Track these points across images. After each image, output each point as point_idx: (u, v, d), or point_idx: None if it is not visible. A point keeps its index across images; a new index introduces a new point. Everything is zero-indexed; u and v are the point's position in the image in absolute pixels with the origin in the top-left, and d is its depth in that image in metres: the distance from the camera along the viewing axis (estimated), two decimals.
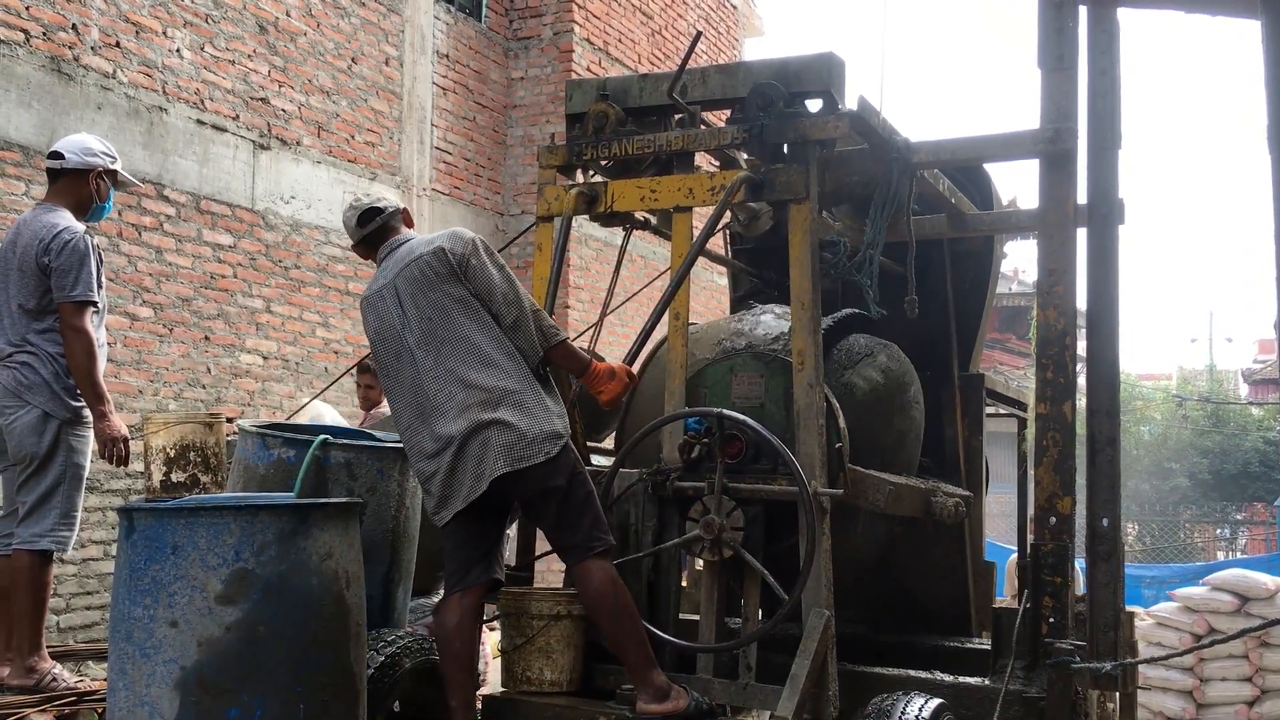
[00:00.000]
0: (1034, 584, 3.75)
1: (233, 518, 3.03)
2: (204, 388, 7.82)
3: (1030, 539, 3.89)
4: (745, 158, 4.24)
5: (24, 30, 6.81)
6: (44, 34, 6.92)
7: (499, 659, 4.19)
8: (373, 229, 3.76)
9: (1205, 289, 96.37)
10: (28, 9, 6.83)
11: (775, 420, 3.93)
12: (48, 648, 4.45)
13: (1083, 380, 3.94)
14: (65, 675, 4.35)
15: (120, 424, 4.37)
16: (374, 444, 3.97)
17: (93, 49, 7.20)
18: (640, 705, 3.53)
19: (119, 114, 7.34)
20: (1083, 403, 3.85)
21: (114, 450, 4.33)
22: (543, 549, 4.10)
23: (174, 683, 2.94)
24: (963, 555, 4.90)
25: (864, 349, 4.39)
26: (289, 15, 8.61)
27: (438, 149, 10.12)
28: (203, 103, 7.91)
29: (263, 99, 8.37)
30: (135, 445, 4.65)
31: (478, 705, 3.76)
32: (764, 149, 4.01)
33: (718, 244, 4.94)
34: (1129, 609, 4.18)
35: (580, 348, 3.91)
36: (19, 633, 4.25)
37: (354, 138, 9.22)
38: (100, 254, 4.38)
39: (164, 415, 5.40)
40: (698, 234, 4.03)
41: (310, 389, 8.30)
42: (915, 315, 4.41)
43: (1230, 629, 6.91)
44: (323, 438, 3.80)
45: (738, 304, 5.23)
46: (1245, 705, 7.46)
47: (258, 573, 3.00)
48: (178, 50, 7.73)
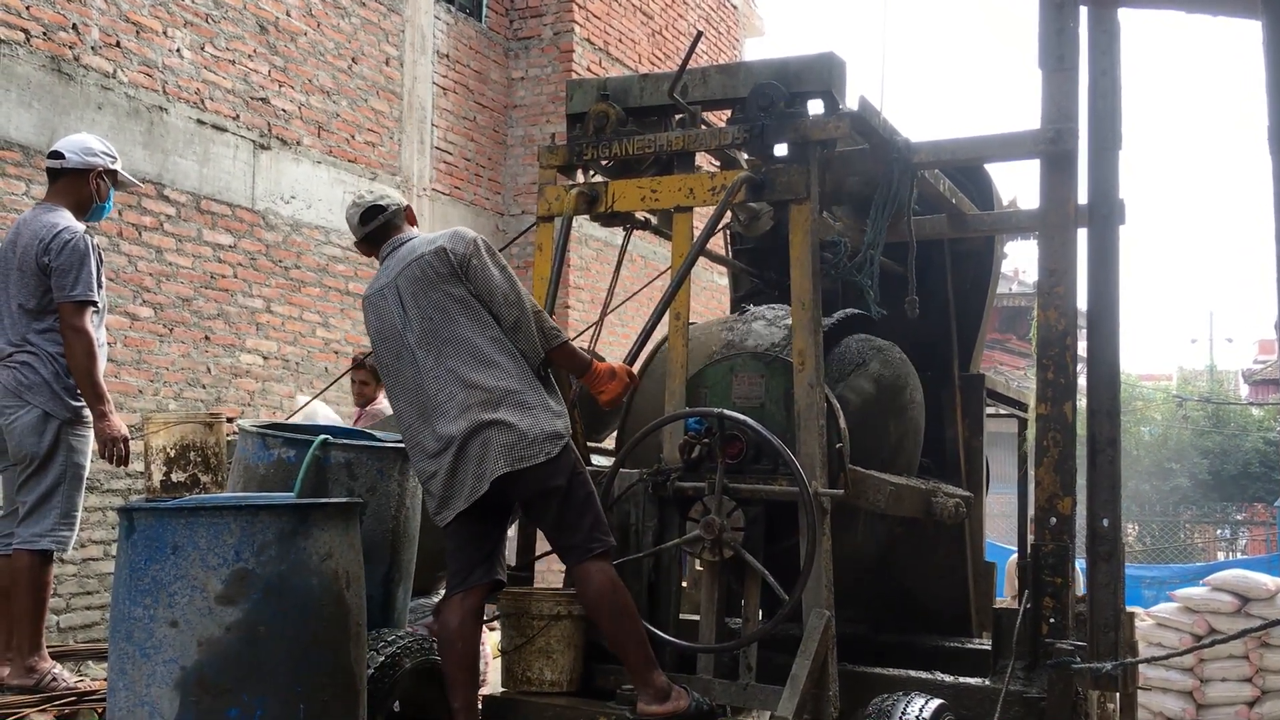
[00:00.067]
0: (1034, 584, 3.75)
1: (233, 518, 3.03)
2: (204, 388, 7.82)
3: (1031, 539, 3.89)
4: (746, 158, 4.24)
5: (24, 30, 6.81)
6: (44, 34, 6.92)
7: (499, 659, 4.19)
8: (375, 227, 3.75)
9: (1205, 289, 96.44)
10: (28, 9, 6.83)
11: (776, 420, 3.93)
12: (48, 648, 4.45)
13: (1083, 381, 3.94)
14: (65, 675, 4.34)
15: (120, 424, 4.37)
16: (374, 444, 3.96)
17: (93, 49, 7.20)
18: (640, 706, 3.52)
19: (119, 114, 7.34)
20: (1083, 403, 3.85)
21: (114, 450, 4.33)
22: (543, 549, 4.10)
23: (174, 683, 2.94)
24: (963, 556, 4.90)
25: (855, 358, 4.34)
26: (289, 15, 8.61)
27: (438, 149, 10.12)
28: (203, 102, 7.91)
29: (263, 99, 8.37)
30: (135, 445, 4.64)
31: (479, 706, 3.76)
32: (764, 149, 4.01)
33: (718, 244, 4.94)
34: (1129, 609, 4.18)
35: (581, 348, 3.90)
36: (19, 632, 4.25)
37: (354, 138, 9.22)
38: (100, 254, 4.38)
39: (164, 415, 5.40)
40: (698, 234, 4.03)
41: (310, 389, 8.29)
42: (916, 315, 4.41)
43: (1230, 629, 6.91)
44: (323, 438, 3.80)
45: (738, 304, 5.23)
46: (1245, 706, 7.46)
47: (258, 573, 3.00)
48: (178, 50, 7.73)
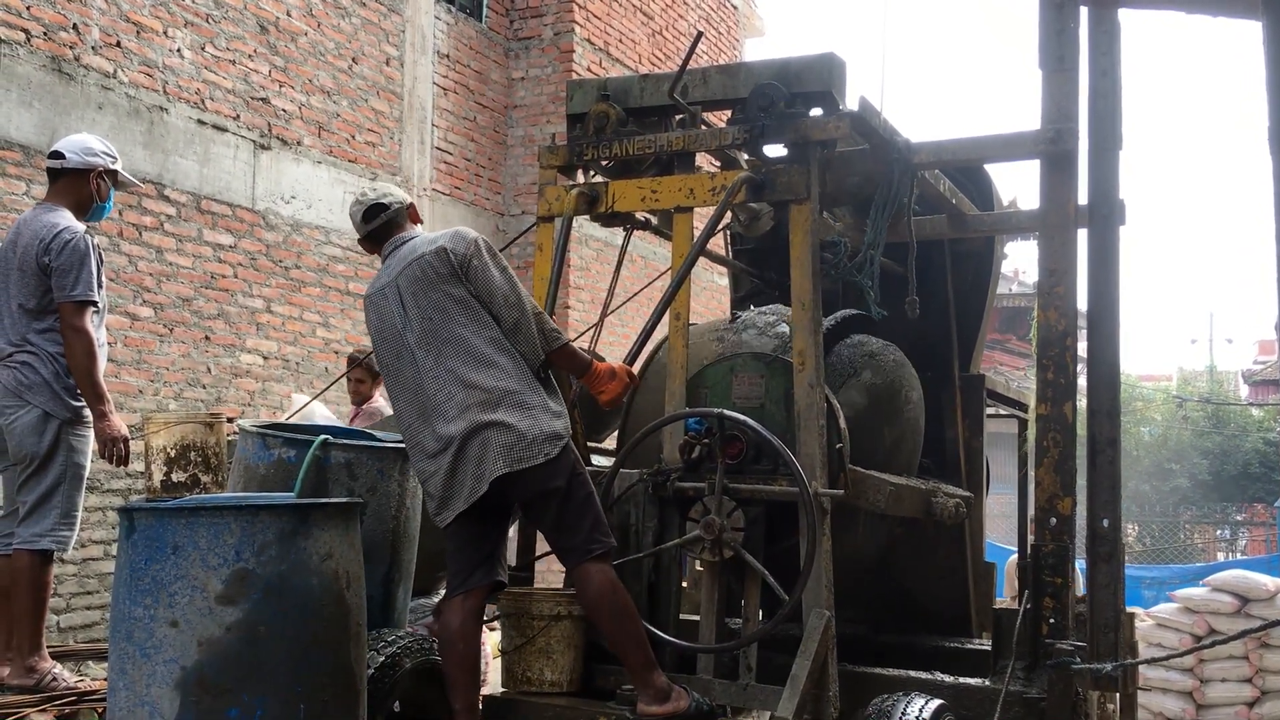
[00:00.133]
0: (1034, 585, 3.75)
1: (233, 518, 3.03)
2: (204, 388, 7.82)
3: (1031, 540, 3.89)
4: (746, 158, 4.24)
5: (25, 30, 6.81)
6: (45, 34, 6.92)
7: (499, 659, 4.19)
8: (377, 226, 3.75)
9: (1205, 290, 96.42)
10: (29, 9, 6.83)
11: (776, 421, 3.93)
12: (48, 648, 4.45)
13: (1083, 381, 3.94)
14: (65, 675, 4.35)
15: (120, 424, 4.37)
16: (374, 444, 3.96)
17: (93, 49, 7.20)
18: (641, 706, 3.52)
19: (120, 114, 7.34)
20: (1083, 403, 3.85)
21: (114, 450, 4.33)
22: (543, 549, 4.10)
23: (174, 683, 2.94)
24: (963, 556, 4.90)
25: (847, 367, 4.31)
26: (290, 15, 8.61)
27: (438, 149, 10.12)
28: (203, 102, 7.91)
29: (263, 99, 8.37)
30: (136, 445, 4.65)
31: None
32: (765, 150, 4.01)
33: (718, 244, 4.94)
34: (1129, 610, 4.18)
35: (581, 348, 3.90)
36: (19, 632, 4.25)
37: (354, 138, 9.22)
38: (100, 254, 4.38)
39: (164, 415, 5.41)
40: (698, 234, 4.03)
41: (310, 389, 8.29)
42: (916, 316, 4.40)
43: (1230, 630, 6.92)
44: (323, 438, 3.80)
45: (739, 304, 5.23)
46: (1245, 706, 7.46)
47: (258, 573, 3.00)
48: (178, 50, 7.73)
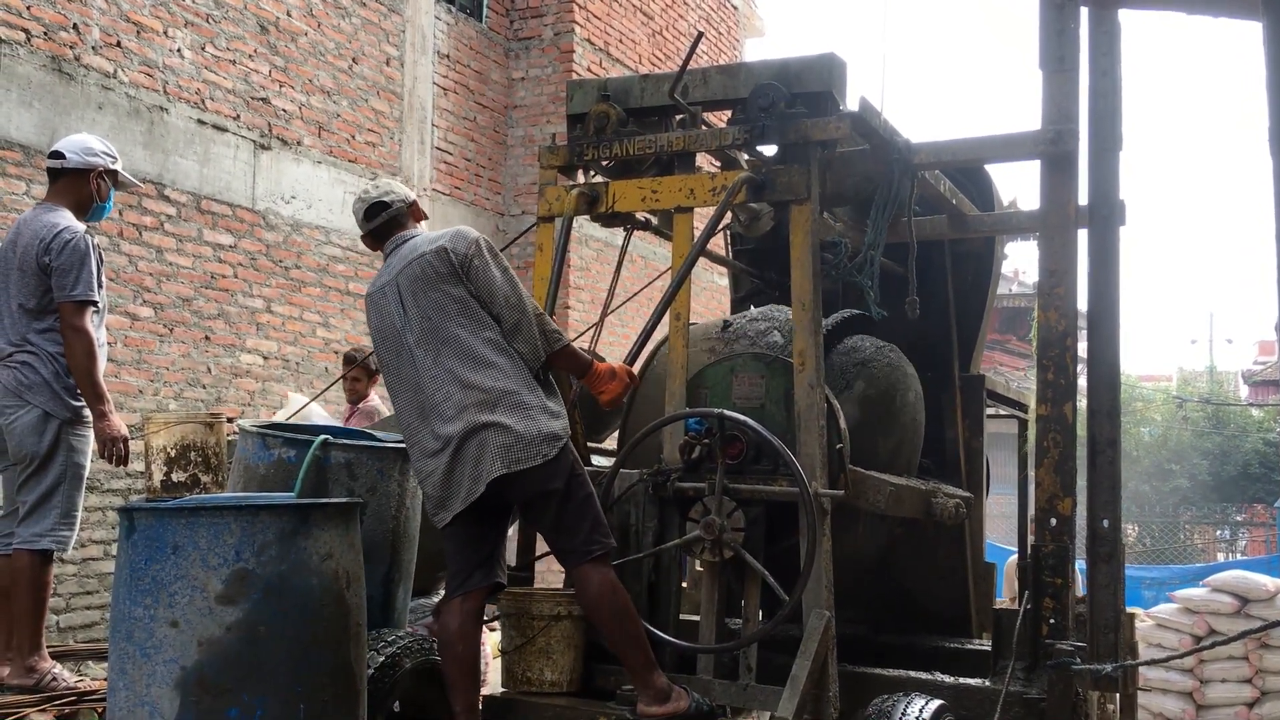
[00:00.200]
0: (1035, 585, 3.75)
1: (233, 518, 3.03)
2: (204, 388, 7.82)
3: (1031, 540, 3.89)
4: (746, 158, 4.24)
5: (25, 30, 6.81)
6: (45, 33, 6.92)
7: (499, 659, 4.19)
8: (378, 224, 3.75)
9: (1205, 290, 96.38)
10: (29, 8, 6.83)
11: (776, 421, 3.93)
12: (48, 648, 4.45)
13: (1083, 381, 3.94)
14: (65, 675, 4.34)
15: (120, 424, 4.37)
16: (374, 444, 3.96)
17: (94, 49, 7.20)
18: (641, 707, 3.52)
19: (120, 114, 7.34)
20: (1083, 404, 3.85)
21: (114, 450, 4.32)
22: (543, 549, 4.09)
23: (174, 682, 2.94)
24: (963, 556, 4.90)
25: (839, 380, 4.26)
26: (290, 15, 8.61)
27: (438, 149, 10.12)
28: (203, 102, 7.91)
29: (263, 99, 8.37)
30: (135, 445, 4.65)
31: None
32: (765, 150, 4.01)
33: (719, 245, 4.94)
34: (1129, 610, 4.18)
35: (581, 348, 3.90)
36: (19, 632, 4.25)
37: (355, 138, 9.22)
38: (100, 254, 4.38)
39: (164, 415, 5.41)
40: (699, 235, 4.03)
41: (310, 389, 8.29)
42: (916, 316, 4.40)
43: (1230, 631, 6.92)
44: (323, 438, 3.80)
45: (739, 305, 5.23)
46: (1245, 707, 7.45)
47: (258, 573, 3.00)
48: (179, 50, 7.73)
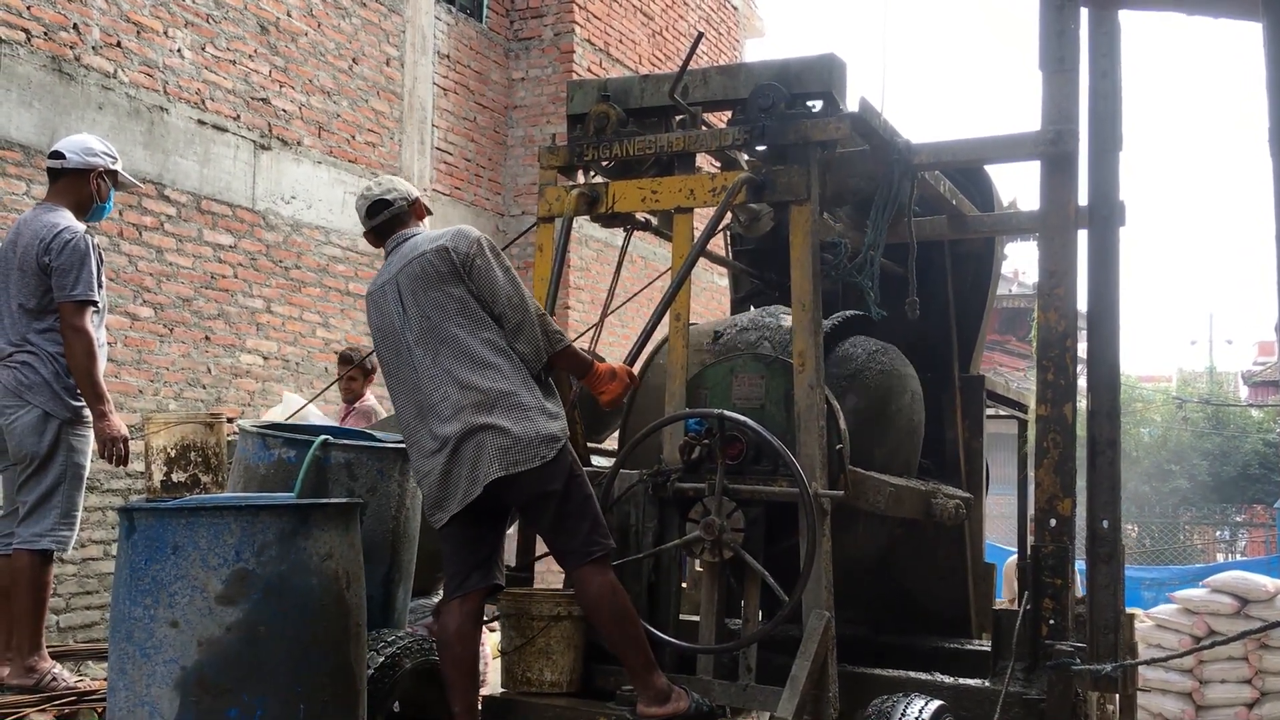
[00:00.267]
0: (1034, 586, 3.74)
1: (233, 518, 3.03)
2: (204, 388, 7.82)
3: (1031, 541, 3.89)
4: (746, 159, 4.24)
5: (25, 30, 6.81)
6: (45, 34, 6.93)
7: (499, 660, 4.19)
8: (380, 221, 3.75)
9: (1205, 291, 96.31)
10: (29, 9, 6.84)
11: (776, 421, 3.93)
12: (48, 648, 4.45)
13: (1083, 382, 3.94)
14: (65, 675, 4.34)
15: (120, 424, 4.37)
16: (374, 444, 3.96)
17: (94, 49, 7.20)
18: (640, 708, 3.52)
19: (120, 114, 7.35)
20: (1083, 404, 3.85)
21: (114, 450, 4.33)
22: (542, 550, 4.10)
23: (174, 683, 2.94)
24: (963, 557, 4.90)
25: (833, 388, 4.21)
26: (290, 15, 8.61)
27: (438, 149, 10.12)
28: (204, 103, 7.91)
29: (264, 99, 8.37)
30: (135, 445, 4.65)
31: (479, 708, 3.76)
32: (765, 150, 4.01)
33: (718, 245, 4.94)
34: (1129, 611, 4.18)
35: (581, 348, 3.90)
36: (19, 632, 4.25)
37: (355, 138, 9.22)
38: (101, 254, 4.38)
39: (164, 415, 5.41)
40: (699, 235, 4.03)
41: (310, 389, 8.30)
42: (916, 317, 4.40)
43: (1230, 631, 6.91)
44: (323, 438, 3.80)
45: (739, 305, 5.23)
46: (1245, 707, 7.45)
47: (258, 573, 3.00)
48: (179, 50, 7.73)
